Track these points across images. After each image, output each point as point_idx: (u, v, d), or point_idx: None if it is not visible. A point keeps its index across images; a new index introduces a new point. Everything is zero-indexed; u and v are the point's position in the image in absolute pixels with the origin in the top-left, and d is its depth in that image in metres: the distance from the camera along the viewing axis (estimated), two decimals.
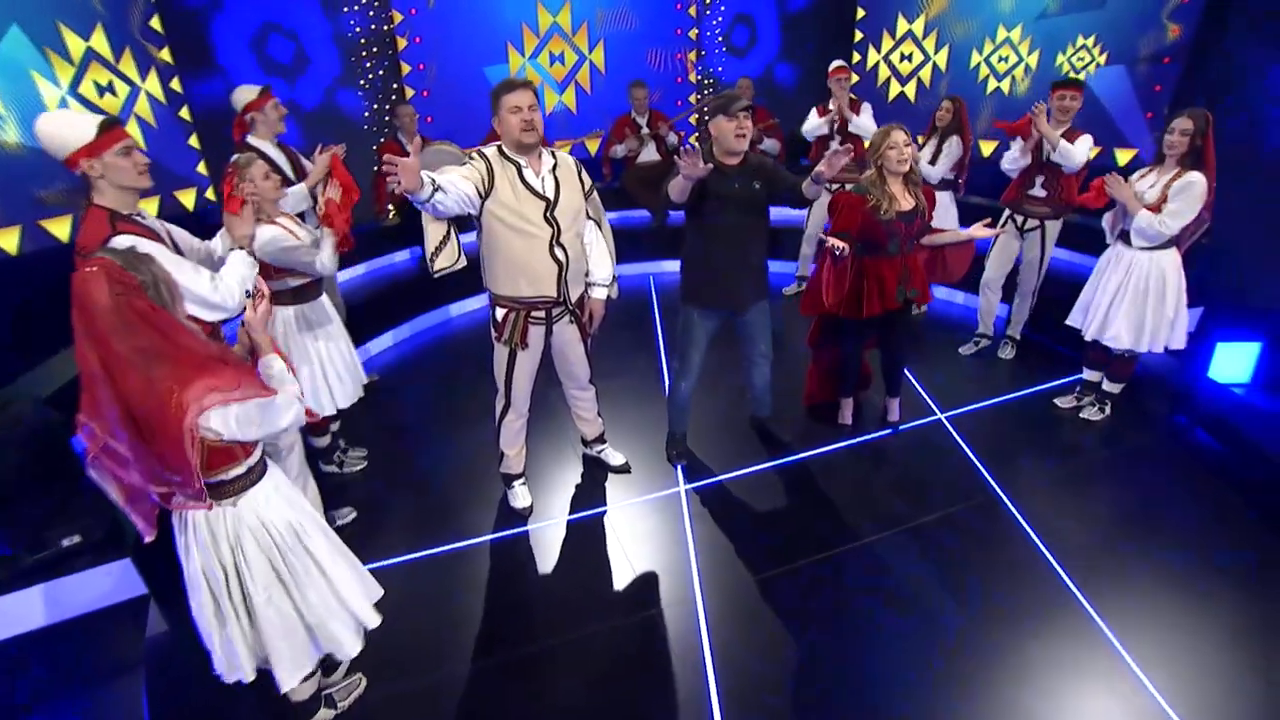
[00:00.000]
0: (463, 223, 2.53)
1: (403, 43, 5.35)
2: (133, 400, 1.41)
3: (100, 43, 3.64)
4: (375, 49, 5.28)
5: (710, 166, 2.46)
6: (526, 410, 2.83)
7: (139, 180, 1.96)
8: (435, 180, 2.12)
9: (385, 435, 3.56)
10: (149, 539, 1.54)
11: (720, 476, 3.16)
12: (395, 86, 5.44)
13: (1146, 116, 4.71)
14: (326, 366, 2.75)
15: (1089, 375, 3.57)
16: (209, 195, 4.46)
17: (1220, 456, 3.22)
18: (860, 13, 5.99)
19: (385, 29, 5.28)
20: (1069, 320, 3.44)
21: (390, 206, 5.16)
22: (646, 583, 2.58)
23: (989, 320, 4.23)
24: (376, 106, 5.40)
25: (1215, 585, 2.49)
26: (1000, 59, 5.27)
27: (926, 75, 5.74)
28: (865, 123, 4.57)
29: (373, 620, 1.89)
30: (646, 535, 2.83)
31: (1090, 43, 4.79)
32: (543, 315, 2.57)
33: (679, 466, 3.23)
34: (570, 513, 2.97)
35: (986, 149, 5.41)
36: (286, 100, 3.72)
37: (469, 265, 2.61)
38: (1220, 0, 4.17)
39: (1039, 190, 3.73)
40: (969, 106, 4.99)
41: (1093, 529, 2.79)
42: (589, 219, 2.62)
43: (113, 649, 2.20)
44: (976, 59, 5.39)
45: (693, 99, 6.35)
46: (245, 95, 3.26)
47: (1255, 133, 4.00)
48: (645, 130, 5.55)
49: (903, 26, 5.76)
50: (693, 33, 6.16)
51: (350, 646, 1.85)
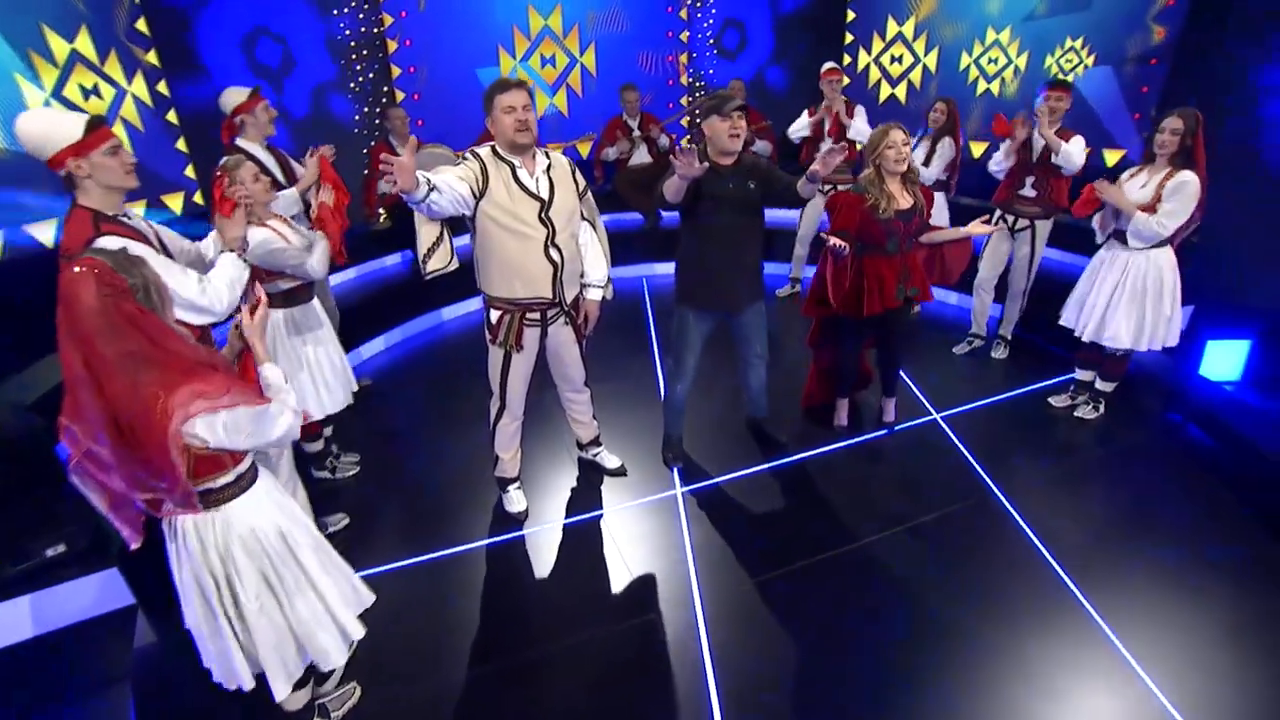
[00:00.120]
0: (456, 224, 2.51)
1: (393, 45, 5.32)
2: (117, 405, 1.38)
3: (85, 45, 3.59)
4: (365, 52, 5.24)
5: (706, 166, 2.45)
6: (521, 413, 2.81)
7: (126, 180, 1.92)
8: (431, 180, 2.10)
9: (378, 440, 3.52)
10: (134, 546, 1.51)
11: (717, 479, 3.14)
12: (386, 90, 5.41)
13: (1134, 117, 4.76)
14: (315, 371, 2.71)
15: (1081, 375, 3.58)
16: (197, 199, 4.41)
17: (1213, 453, 3.24)
18: (850, 15, 6.02)
19: (375, 32, 5.24)
20: (1062, 321, 3.45)
21: (381, 210, 5.12)
22: (644, 586, 2.56)
23: (982, 320, 4.25)
24: (367, 110, 5.36)
25: (1210, 581, 2.49)
26: (990, 60, 5.30)
27: (917, 77, 5.78)
28: (861, 126, 4.59)
29: (357, 632, 1.86)
30: (643, 538, 2.81)
31: (1078, 44, 4.84)
32: (538, 317, 2.55)
33: (675, 469, 3.21)
34: (566, 516, 2.95)
35: (977, 150, 5.45)
36: (275, 103, 3.68)
37: (462, 267, 2.58)
38: (1205, 3, 4.23)
39: (1029, 190, 3.77)
40: (959, 108, 5.04)
41: (1089, 527, 2.80)
42: (584, 220, 2.60)
43: (100, 661, 2.15)
44: (966, 61, 5.43)
45: (684, 101, 6.35)
46: (234, 97, 3.22)
47: (1243, 132, 4.05)
48: (637, 133, 5.54)
49: (892, 29, 5.79)
50: (683, 35, 6.16)
51: (336, 657, 1.82)
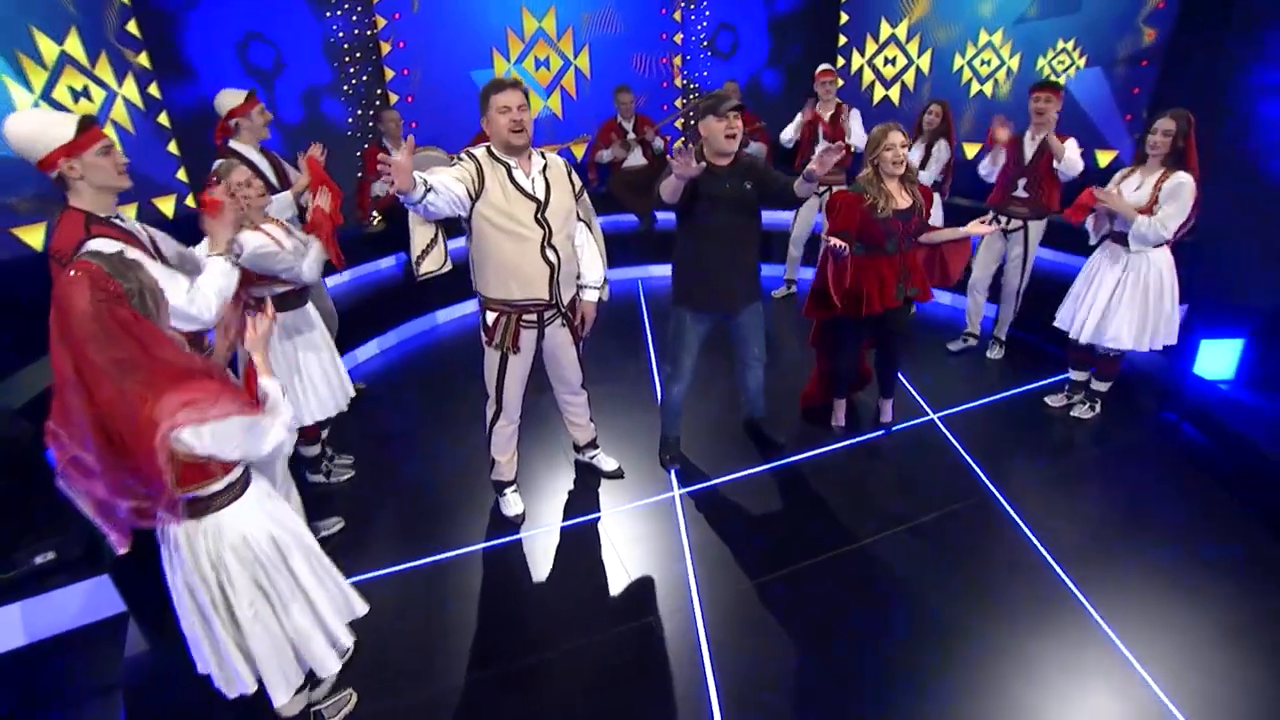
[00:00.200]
0: (450, 226, 2.49)
1: (386, 48, 5.30)
2: (106, 411, 1.36)
3: (74, 46, 3.56)
4: (359, 54, 5.22)
5: (703, 165, 2.45)
6: (518, 416, 2.79)
7: (119, 180, 1.90)
8: (427, 181, 2.08)
9: (373, 444, 3.49)
10: (122, 551, 1.49)
11: (714, 480, 3.13)
12: (379, 92, 5.39)
13: (1126, 119, 4.79)
14: (305, 377, 2.69)
15: (1075, 375, 3.59)
16: (189, 202, 4.38)
17: (1208, 452, 3.25)
18: (844, 17, 6.04)
19: (369, 34, 5.22)
20: (1057, 323, 3.44)
21: (375, 213, 5.10)
22: (642, 589, 2.55)
23: (976, 320, 4.30)
24: (360, 112, 5.34)
25: (1208, 580, 2.50)
26: (982, 62, 5.33)
27: (910, 79, 5.80)
28: (857, 131, 4.66)
29: (346, 641, 1.84)
30: (641, 541, 2.79)
31: (1070, 46, 4.87)
32: (534, 318, 2.54)
33: (672, 471, 3.20)
34: (563, 519, 2.93)
35: (971, 152, 5.46)
36: (268, 106, 3.66)
37: (456, 269, 2.57)
38: (1195, 4, 4.26)
39: (1021, 192, 3.83)
40: (953, 109, 5.07)
41: (1087, 526, 2.80)
42: (580, 220, 2.59)
43: (90, 669, 2.12)
44: (959, 62, 5.45)
45: (678, 103, 6.36)
46: (230, 100, 3.20)
47: (1234, 133, 4.08)
48: (631, 135, 5.54)
49: (886, 31, 5.81)
50: (677, 37, 6.17)
51: (331, 665, 1.81)
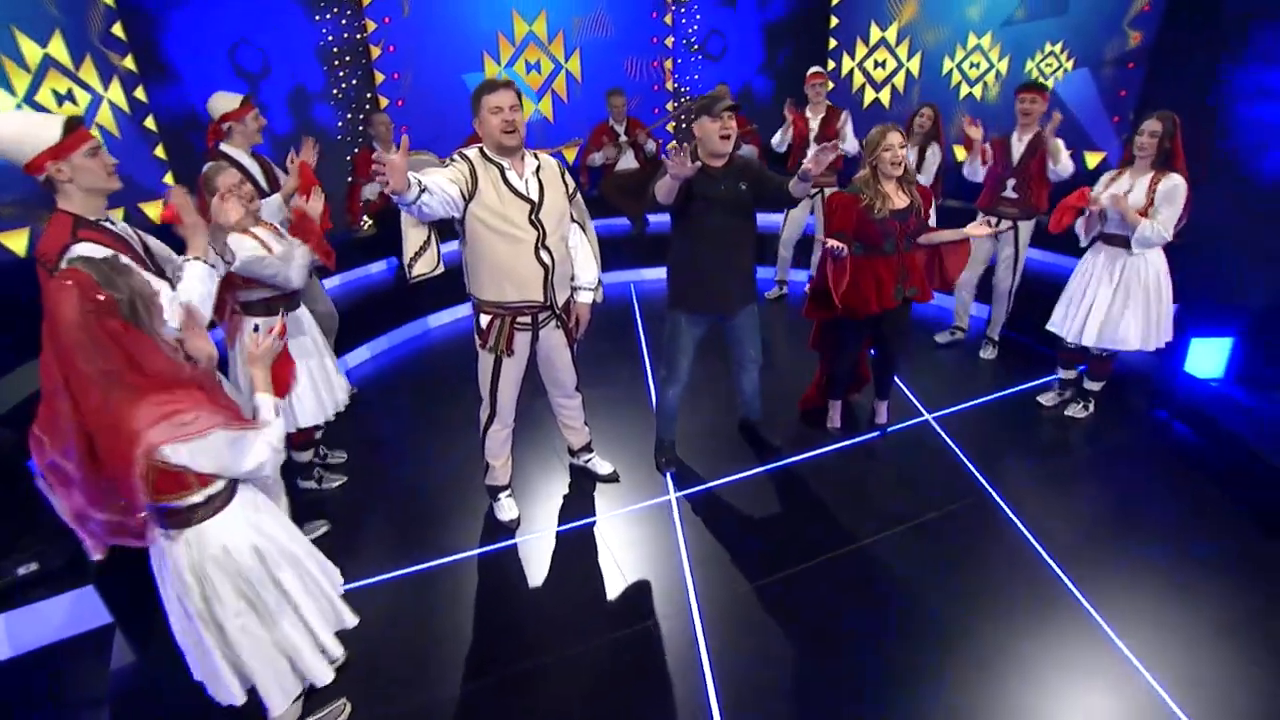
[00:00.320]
0: (443, 229, 2.47)
1: (376, 52, 5.28)
2: (90, 420, 1.34)
3: (58, 49, 3.51)
4: (348, 58, 5.19)
5: (699, 165, 2.44)
6: (512, 420, 2.76)
7: (108, 182, 1.86)
8: (422, 182, 2.06)
9: (365, 449, 3.45)
10: (96, 558, 1.46)
11: (710, 483, 3.11)
12: (369, 96, 5.35)
13: (1113, 120, 4.83)
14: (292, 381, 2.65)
15: (1064, 374, 3.59)
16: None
17: (1200, 450, 3.27)
18: (833, 21, 6.07)
19: (359, 38, 5.19)
20: (1052, 327, 3.41)
21: (366, 217, 5.06)
22: (640, 593, 2.52)
23: (964, 316, 4.41)
24: (350, 116, 5.30)
25: (1201, 576, 2.51)
26: (972, 65, 5.36)
27: (900, 82, 5.83)
28: (849, 135, 4.70)
29: (337, 651, 1.83)
30: (638, 545, 2.77)
31: (1058, 49, 4.91)
32: (528, 321, 2.51)
33: (668, 474, 3.17)
34: (559, 524, 2.90)
35: (961, 154, 5.49)
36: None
37: (448, 272, 2.54)
38: (1180, 7, 4.31)
39: (1010, 192, 3.87)
40: (943, 112, 5.09)
41: (1083, 525, 2.80)
42: (573, 222, 2.57)
43: (75, 682, 2.07)
44: (949, 65, 5.48)
45: (669, 106, 6.36)
46: (224, 103, 3.17)
47: (1219, 134, 4.12)
48: (623, 138, 5.53)
49: (875, 34, 5.84)
50: (668, 40, 6.17)
51: (325, 676, 1.79)
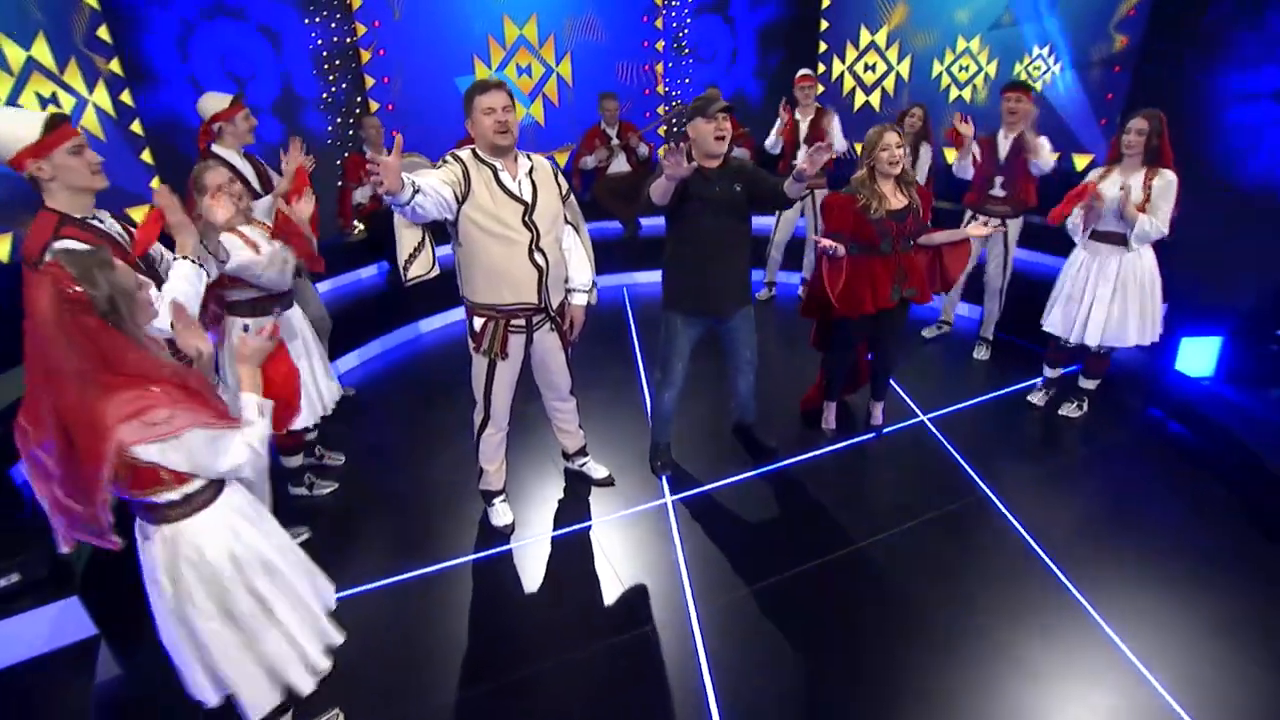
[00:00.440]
0: (436, 231, 2.44)
1: (366, 56, 5.25)
2: (66, 415, 1.32)
3: (42, 52, 3.46)
4: (338, 62, 5.16)
5: (694, 166, 2.43)
6: (506, 424, 2.73)
7: (92, 181, 1.83)
8: (415, 183, 2.03)
9: (357, 455, 3.40)
10: (64, 550, 1.43)
11: (706, 486, 3.09)
12: (359, 100, 5.32)
13: (1101, 123, 4.88)
14: None
15: (1050, 373, 3.60)
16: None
17: (1194, 447, 3.28)
18: (824, 24, 6.10)
19: (349, 42, 5.16)
20: (1049, 328, 3.40)
21: (357, 221, 5.02)
22: (637, 598, 2.49)
23: (951, 310, 4.51)
24: (340, 121, 5.26)
25: (1199, 573, 2.51)
26: (961, 68, 5.40)
27: (890, 85, 5.86)
28: (836, 136, 4.69)
29: (323, 664, 1.76)
30: (634, 549, 2.74)
31: (1045, 52, 4.95)
32: (523, 323, 2.49)
33: (664, 477, 3.15)
34: (554, 529, 2.87)
35: (952, 156, 5.51)
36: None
37: (440, 276, 2.51)
38: (1164, 11, 4.36)
39: (999, 190, 3.88)
40: (933, 115, 5.12)
41: (1080, 524, 2.80)
42: (567, 223, 2.55)
43: (59, 696, 2.01)
44: (938, 68, 5.52)
45: (660, 110, 6.36)
46: (213, 104, 3.14)
47: (1205, 137, 4.17)
48: (616, 141, 5.53)
49: (865, 38, 5.87)
50: (659, 44, 6.18)
51: (305, 687, 1.72)
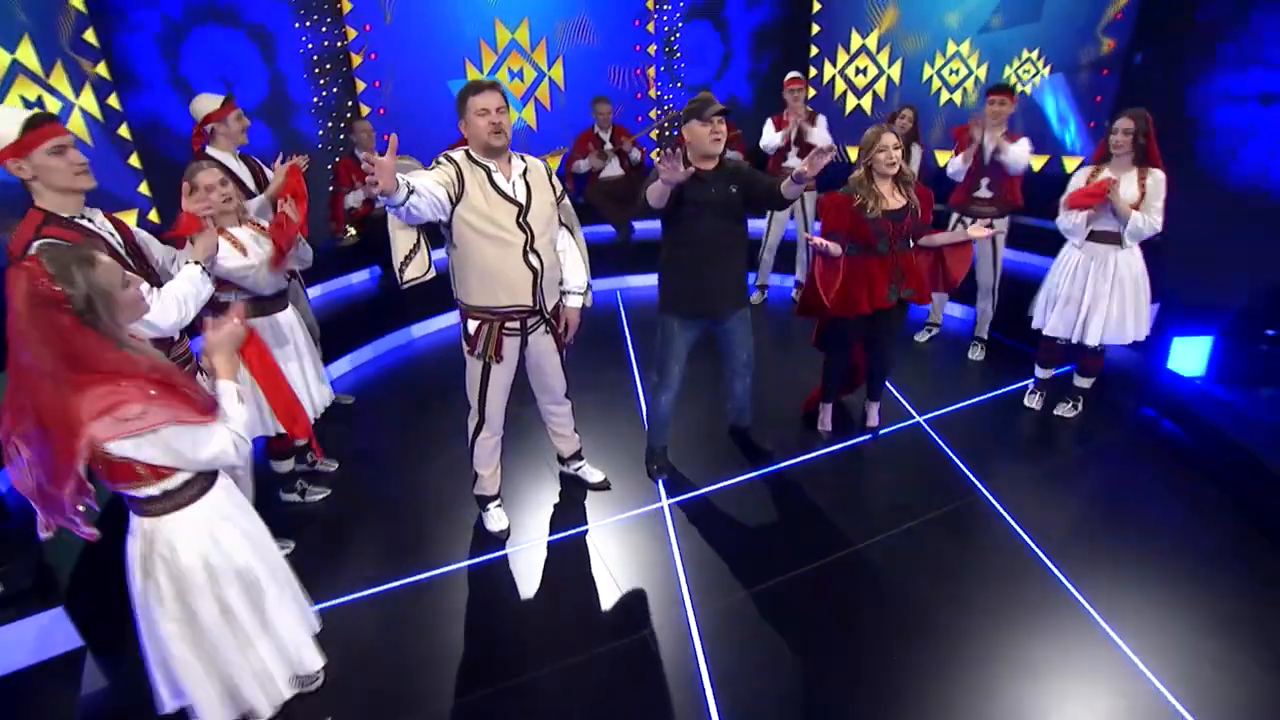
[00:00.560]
0: (430, 233, 2.42)
1: (358, 59, 5.22)
2: (41, 410, 1.31)
3: (27, 55, 3.42)
4: (329, 66, 5.13)
5: (692, 170, 2.42)
6: (501, 428, 2.70)
7: (75, 181, 1.79)
8: (410, 184, 2.01)
9: (349, 461, 3.36)
10: (43, 535, 1.40)
11: (703, 489, 3.07)
12: (350, 104, 5.29)
13: (1089, 126, 4.92)
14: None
15: (1042, 373, 3.60)
16: (152, 217, 4.22)
17: (1190, 446, 3.29)
18: (815, 28, 6.13)
19: (339, 45, 5.14)
20: (1048, 330, 3.37)
21: (349, 226, 4.98)
22: (635, 602, 2.47)
23: (938, 312, 4.52)
24: (331, 125, 5.23)
25: (1199, 572, 2.51)
26: (951, 72, 5.44)
27: (881, 88, 5.89)
28: (821, 135, 4.67)
29: (286, 693, 1.70)
30: (631, 553, 2.71)
31: (1034, 55, 5.00)
32: (517, 326, 2.46)
33: (660, 481, 3.13)
34: (550, 534, 2.84)
35: (943, 159, 5.55)
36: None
37: (436, 278, 2.49)
38: (1150, 15, 4.41)
39: (985, 191, 3.91)
40: (924, 118, 5.15)
41: (1078, 523, 2.80)
42: (562, 225, 2.54)
43: (45, 710, 1.96)
44: (929, 72, 5.56)
45: (652, 114, 6.37)
46: (205, 105, 3.11)
47: (1193, 138, 4.22)
48: (609, 145, 5.52)
49: (856, 41, 5.90)
50: (651, 48, 6.19)
51: (262, 711, 1.67)
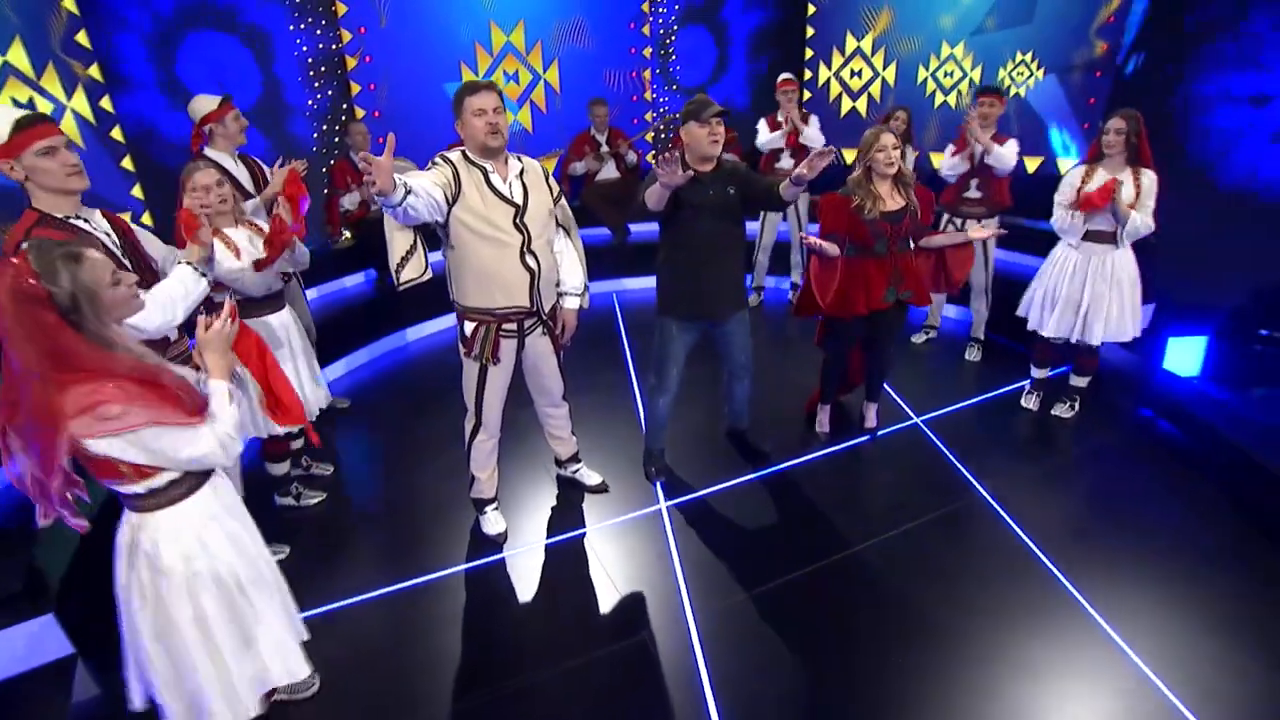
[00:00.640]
0: (429, 236, 2.41)
1: (352, 62, 5.21)
2: (29, 405, 1.31)
3: (18, 57, 3.39)
4: (324, 69, 5.11)
5: (691, 174, 2.42)
6: (498, 430, 2.68)
7: (67, 183, 1.78)
8: (407, 184, 2.00)
9: (345, 465, 3.34)
10: (41, 524, 1.39)
11: (700, 492, 3.06)
12: (345, 107, 5.27)
13: (1083, 127, 4.94)
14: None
15: (1038, 373, 3.61)
16: (145, 220, 4.19)
17: (1187, 446, 3.29)
18: (810, 31, 6.14)
19: (334, 48, 5.12)
20: (1046, 332, 3.37)
21: (344, 229, 4.96)
22: (633, 605, 2.45)
23: (937, 313, 4.51)
24: (325, 129, 5.21)
25: (1199, 572, 2.51)
26: (946, 74, 5.46)
27: (876, 90, 5.91)
28: (814, 134, 4.69)
29: (253, 710, 1.66)
30: (629, 556, 2.70)
31: (1028, 58, 5.02)
32: (514, 328, 2.45)
33: (658, 483, 3.11)
34: (547, 536, 2.82)
35: (937, 160, 5.56)
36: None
37: (431, 281, 2.47)
38: (1142, 18, 4.44)
39: (974, 192, 3.94)
40: (919, 120, 5.17)
41: (1077, 524, 2.80)
42: (559, 226, 2.52)
43: (35, 718, 1.93)
44: (923, 74, 5.58)
45: (647, 116, 6.37)
46: (203, 106, 3.09)
47: (1188, 138, 4.24)
48: (605, 148, 5.52)
49: (851, 44, 5.92)
50: (646, 51, 6.19)
51: None
